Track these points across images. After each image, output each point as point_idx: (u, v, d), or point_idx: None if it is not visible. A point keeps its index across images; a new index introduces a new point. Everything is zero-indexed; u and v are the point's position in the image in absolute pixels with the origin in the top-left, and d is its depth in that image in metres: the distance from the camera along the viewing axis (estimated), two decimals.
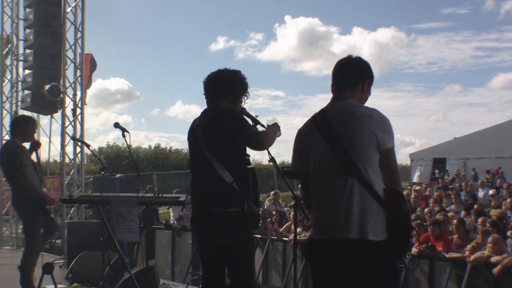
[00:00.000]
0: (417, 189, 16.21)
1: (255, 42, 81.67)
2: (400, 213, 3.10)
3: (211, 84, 4.42)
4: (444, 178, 24.39)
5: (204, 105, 4.50)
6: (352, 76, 3.36)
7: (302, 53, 74.29)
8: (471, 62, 71.22)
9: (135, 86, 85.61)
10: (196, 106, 69.32)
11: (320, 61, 74.99)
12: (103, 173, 7.62)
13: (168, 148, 50.86)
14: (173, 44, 77.91)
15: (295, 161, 3.53)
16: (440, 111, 75.39)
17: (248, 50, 78.26)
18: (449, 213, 10.79)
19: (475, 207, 10.95)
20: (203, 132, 4.30)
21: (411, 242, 3.17)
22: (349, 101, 3.29)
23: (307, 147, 3.36)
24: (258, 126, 4.43)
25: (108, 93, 71.31)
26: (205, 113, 4.45)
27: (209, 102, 4.44)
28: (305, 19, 72.81)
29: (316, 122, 3.32)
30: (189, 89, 74.46)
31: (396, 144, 3.17)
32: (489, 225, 8.26)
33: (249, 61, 70.97)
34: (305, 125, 3.45)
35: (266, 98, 72.95)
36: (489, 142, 31.85)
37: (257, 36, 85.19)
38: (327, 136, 3.21)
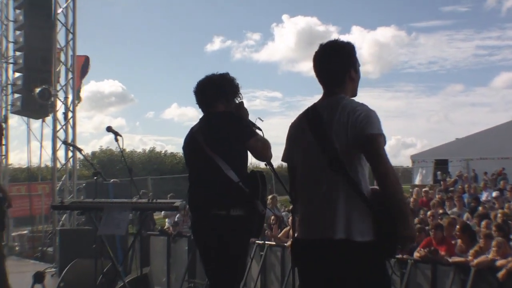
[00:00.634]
0: (423, 191, 16.17)
1: (252, 42, 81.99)
2: (385, 215, 3.00)
3: (201, 91, 4.51)
4: (446, 180, 24.38)
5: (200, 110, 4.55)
6: (335, 73, 3.31)
7: (300, 53, 74.26)
8: (472, 61, 71.43)
9: (129, 88, 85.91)
10: (192, 109, 69.48)
11: None
12: (95, 178, 7.60)
13: (163, 152, 50.81)
14: (168, 45, 77.92)
15: (284, 155, 3.52)
16: (442, 111, 75.54)
17: (245, 50, 78.34)
18: (452, 216, 10.77)
19: (479, 209, 10.94)
20: (204, 135, 4.33)
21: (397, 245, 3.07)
22: (340, 96, 3.25)
23: (297, 141, 3.36)
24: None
25: (101, 96, 71.27)
26: (203, 119, 4.51)
27: (204, 108, 4.53)
28: (303, 18, 73.10)
29: (308, 116, 3.31)
30: (184, 91, 74.80)
31: (397, 145, 3.15)
32: (494, 229, 8.24)
33: (246, 62, 71.15)
34: (297, 119, 3.44)
35: (263, 100, 72.94)
36: (492, 142, 31.92)
37: (254, 36, 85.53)
38: (315, 131, 3.20)
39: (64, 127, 11.72)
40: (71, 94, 11.85)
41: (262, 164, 4.66)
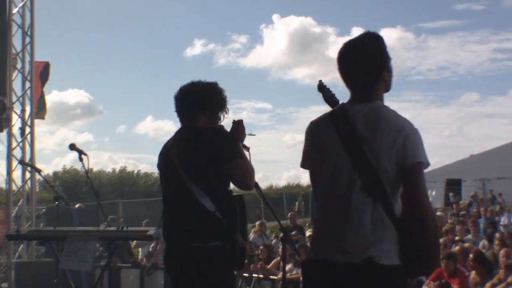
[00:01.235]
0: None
1: (238, 46, 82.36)
2: (417, 241, 3.10)
3: (184, 98, 4.46)
4: (459, 202, 24.47)
5: (179, 121, 4.50)
6: (367, 74, 3.31)
7: (293, 58, 74.88)
8: (489, 67, 72.03)
9: (97, 99, 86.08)
10: (169, 122, 69.39)
11: (315, 67, 75.33)
12: (57, 203, 7.58)
13: (136, 172, 50.87)
14: (142, 49, 77.90)
15: (305, 162, 3.51)
16: (454, 124, 76.22)
17: (230, 55, 79.04)
18: (466, 244, 10.81)
19: (496, 236, 10.98)
20: (179, 154, 4.29)
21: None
22: (376, 103, 3.28)
23: (320, 147, 3.36)
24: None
25: (65, 107, 70.79)
26: (180, 132, 4.47)
27: (183, 119, 4.48)
28: (296, 19, 73.73)
29: (336, 122, 3.29)
30: (161, 102, 74.39)
31: None
32: None
33: (231, 68, 71.46)
34: (320, 120, 3.44)
35: (251, 111, 73.12)
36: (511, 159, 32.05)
37: (240, 39, 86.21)
38: (348, 145, 3.20)
39: (20, 144, 11.66)
40: (29, 105, 11.81)
41: None
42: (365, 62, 3.30)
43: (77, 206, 12.10)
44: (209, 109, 4.42)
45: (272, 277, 10.09)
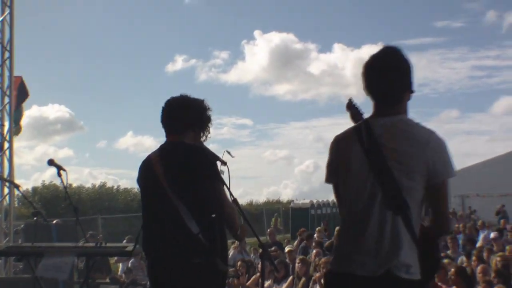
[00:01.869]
0: None
1: (219, 62, 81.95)
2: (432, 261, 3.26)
3: (173, 111, 4.39)
4: None
5: (159, 137, 4.50)
6: (396, 88, 3.36)
7: (274, 75, 74.71)
8: (468, 84, 72.34)
9: (77, 114, 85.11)
10: (149, 138, 68.86)
11: (296, 83, 75.55)
12: (35, 218, 7.54)
13: (116, 187, 50.47)
14: (122, 64, 77.51)
15: (328, 172, 3.57)
16: None
17: (211, 70, 78.31)
18: (445, 260, 10.86)
19: (473, 252, 11.05)
20: (165, 170, 4.22)
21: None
22: (401, 117, 3.34)
23: (343, 159, 3.41)
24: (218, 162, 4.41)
25: (45, 123, 70.16)
26: (165, 148, 4.39)
27: (170, 132, 4.41)
28: (278, 35, 73.06)
29: (359, 135, 3.35)
30: (141, 118, 73.94)
31: None
32: (494, 275, 8.32)
33: (213, 84, 71.13)
34: (345, 135, 3.49)
35: (231, 127, 72.92)
36: (490, 176, 32.31)
37: (221, 55, 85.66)
38: (373, 162, 3.25)
39: None
40: (7, 121, 11.75)
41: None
42: (396, 75, 3.36)
43: (55, 222, 12.05)
44: (198, 126, 4.40)
45: None
